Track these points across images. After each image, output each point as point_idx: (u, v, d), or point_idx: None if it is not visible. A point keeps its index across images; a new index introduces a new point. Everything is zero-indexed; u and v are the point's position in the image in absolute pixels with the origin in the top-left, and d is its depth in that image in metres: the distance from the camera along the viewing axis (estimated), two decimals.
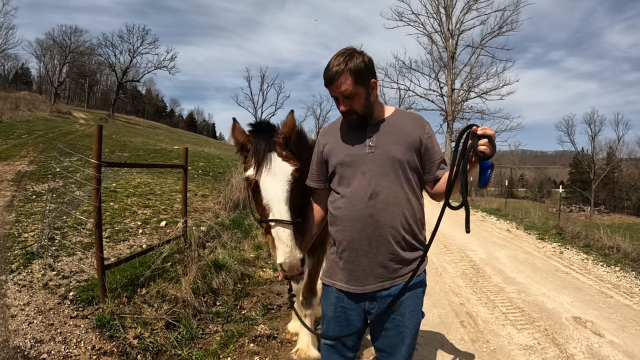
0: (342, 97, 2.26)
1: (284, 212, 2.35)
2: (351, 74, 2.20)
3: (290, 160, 2.52)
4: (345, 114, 2.33)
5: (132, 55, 59.35)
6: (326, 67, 2.27)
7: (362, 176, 2.29)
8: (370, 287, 2.29)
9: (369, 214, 2.24)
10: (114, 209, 8.87)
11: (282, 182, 2.43)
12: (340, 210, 2.36)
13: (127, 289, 5.02)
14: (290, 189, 2.43)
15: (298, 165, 2.52)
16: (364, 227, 2.26)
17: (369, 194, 2.25)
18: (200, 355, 4.16)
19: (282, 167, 2.47)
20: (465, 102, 34.24)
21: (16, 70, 79.58)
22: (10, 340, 4.03)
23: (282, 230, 2.32)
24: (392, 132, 2.34)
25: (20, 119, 29.43)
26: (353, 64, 2.20)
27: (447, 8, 33.82)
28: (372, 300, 2.33)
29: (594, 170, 55.04)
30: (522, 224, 15.04)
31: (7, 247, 6.27)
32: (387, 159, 2.28)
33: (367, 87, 2.28)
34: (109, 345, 4.15)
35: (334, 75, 2.22)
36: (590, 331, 5.32)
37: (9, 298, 4.80)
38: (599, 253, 10.20)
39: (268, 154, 2.48)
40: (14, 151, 15.08)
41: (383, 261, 2.26)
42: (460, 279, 7.49)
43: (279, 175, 2.45)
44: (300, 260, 2.35)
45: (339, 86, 2.23)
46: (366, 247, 2.26)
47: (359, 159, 2.32)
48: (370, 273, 2.28)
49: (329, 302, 2.46)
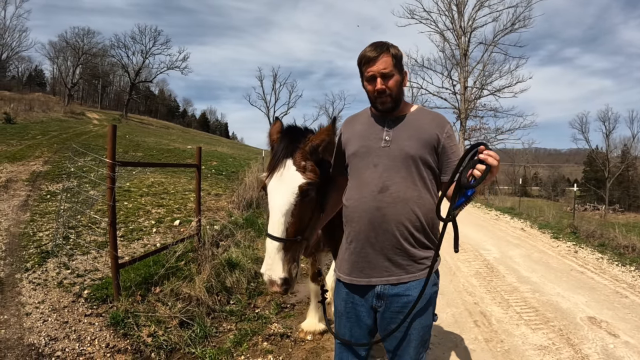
0: (380, 75, 2.28)
1: (277, 225, 2.29)
2: (392, 56, 2.29)
3: (307, 172, 2.38)
4: (380, 94, 2.31)
5: (144, 56, 59.81)
6: (364, 50, 2.33)
7: (374, 169, 2.29)
8: (376, 279, 2.28)
9: (376, 207, 2.24)
10: (128, 208, 8.93)
11: (286, 193, 2.33)
12: (349, 201, 2.37)
13: (141, 288, 5.05)
14: (295, 202, 2.32)
15: (312, 180, 2.38)
16: (371, 219, 2.25)
17: (379, 188, 2.25)
18: (214, 354, 4.17)
19: (292, 177, 2.35)
20: (478, 99, 34.03)
21: (30, 72, 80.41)
22: (25, 337, 4.08)
23: (270, 242, 2.29)
24: (409, 129, 2.34)
25: (34, 120, 29.76)
26: (393, 50, 2.30)
27: (459, 5, 33.61)
28: (380, 298, 2.30)
29: (608, 168, 54.43)
30: (536, 223, 14.91)
31: (22, 245, 6.33)
32: (401, 154, 2.27)
33: (401, 74, 2.35)
34: (123, 343, 4.18)
35: (378, 54, 2.27)
36: (605, 331, 5.26)
37: (23, 296, 4.85)
38: (614, 252, 10.08)
39: (284, 159, 2.39)
40: (28, 152, 15.24)
41: (389, 254, 2.25)
42: (474, 278, 7.45)
43: (287, 184, 2.35)
44: (281, 280, 2.27)
45: (380, 64, 2.27)
46: (372, 239, 2.25)
47: (373, 151, 2.33)
48: (376, 265, 2.27)
49: (340, 296, 2.45)
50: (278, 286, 2.28)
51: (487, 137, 32.97)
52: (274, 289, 2.30)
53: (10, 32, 52.54)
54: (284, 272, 2.27)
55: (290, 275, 2.32)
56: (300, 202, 2.34)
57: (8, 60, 56.54)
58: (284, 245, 2.29)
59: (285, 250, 2.30)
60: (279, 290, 2.29)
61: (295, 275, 2.37)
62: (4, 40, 52.26)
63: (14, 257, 5.87)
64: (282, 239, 2.28)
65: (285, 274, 2.28)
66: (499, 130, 32.83)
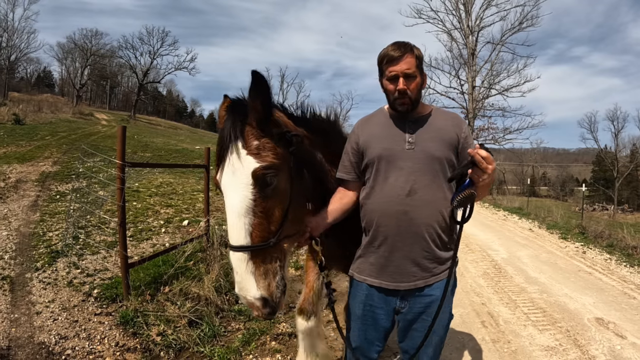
0: (402, 75, 2.23)
1: (236, 231, 1.82)
2: (415, 57, 2.25)
3: (262, 154, 1.87)
4: (401, 94, 2.25)
5: (152, 57, 60.25)
6: (387, 49, 2.28)
7: (400, 172, 2.25)
8: (405, 284, 2.25)
9: (403, 211, 2.21)
10: (137, 209, 9.00)
11: (239, 187, 1.83)
12: (374, 204, 2.31)
13: (150, 287, 5.10)
14: (253, 196, 1.82)
15: (272, 162, 1.87)
16: (399, 223, 2.21)
17: (407, 191, 2.21)
18: (223, 353, 4.20)
19: (243, 164, 1.84)
20: (486, 99, 33.80)
21: (38, 74, 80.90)
22: (35, 336, 4.13)
23: (232, 255, 1.83)
24: (431, 130, 2.32)
25: (43, 121, 29.98)
26: (417, 52, 2.27)
27: (467, 4, 33.43)
28: (404, 299, 2.30)
29: (617, 168, 54.01)
30: (544, 223, 14.84)
31: (32, 245, 6.41)
32: (426, 156, 2.25)
33: (422, 77, 2.31)
34: (133, 341, 4.22)
35: (402, 53, 2.23)
36: (612, 333, 5.24)
37: (34, 295, 4.91)
38: (622, 253, 10.02)
39: (231, 143, 1.87)
40: (37, 152, 15.37)
41: (417, 259, 2.23)
42: (481, 279, 7.44)
43: (238, 176, 1.84)
44: (258, 301, 1.81)
45: (404, 64, 2.22)
46: (399, 243, 2.22)
47: (398, 154, 2.28)
48: (404, 270, 2.24)
49: (358, 299, 2.40)
50: (258, 308, 1.84)
51: (495, 136, 32.80)
52: (255, 312, 1.87)
53: (18, 34, 52.89)
54: (260, 290, 1.81)
55: (270, 292, 1.84)
56: (261, 195, 1.84)
57: (17, 61, 56.89)
58: (252, 255, 1.81)
59: (256, 262, 1.82)
60: (261, 314, 1.85)
61: (281, 292, 1.90)
62: (13, 41, 52.59)
63: (24, 257, 5.94)
64: (245, 247, 1.81)
65: (262, 291, 1.81)
66: (507, 130, 32.62)
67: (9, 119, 25.42)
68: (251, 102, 1.89)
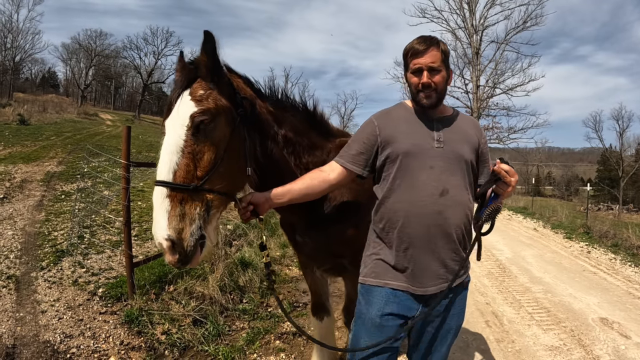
0: (427, 68, 2.17)
1: (163, 167, 1.86)
2: (441, 51, 2.19)
3: (202, 101, 1.96)
4: (425, 89, 2.19)
5: (156, 57, 60.40)
6: (412, 42, 2.23)
7: (431, 171, 2.16)
8: (432, 288, 2.16)
9: (438, 211, 2.12)
10: (142, 208, 9.03)
11: (176, 127, 1.91)
12: (403, 204, 2.17)
13: (155, 286, 5.12)
14: (186, 137, 1.89)
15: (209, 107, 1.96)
16: (431, 224, 2.12)
17: (440, 190, 2.13)
18: (227, 352, 4.21)
19: (183, 108, 1.94)
20: (491, 98, 33.68)
21: (43, 74, 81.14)
22: (40, 334, 4.15)
23: (154, 191, 1.84)
24: (458, 131, 2.28)
25: (48, 121, 30.08)
26: (443, 46, 2.22)
27: (471, 3, 33.32)
28: (426, 304, 2.19)
29: (622, 167, 53.70)
30: (549, 223, 14.83)
31: (37, 245, 6.44)
32: (456, 156, 2.20)
33: (448, 72, 2.27)
34: (137, 340, 4.24)
35: (427, 47, 2.18)
36: (617, 333, 5.23)
37: (39, 294, 4.93)
38: (627, 253, 9.99)
39: (180, 91, 2.00)
40: (43, 152, 15.43)
41: (445, 260, 2.15)
42: (486, 278, 7.43)
43: (177, 117, 1.94)
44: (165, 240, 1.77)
45: (429, 57, 2.17)
46: (432, 245, 2.13)
47: (427, 152, 2.19)
48: (432, 273, 2.15)
49: (375, 306, 2.22)
50: (167, 253, 1.80)
51: (499, 136, 32.72)
52: (167, 257, 1.83)
53: (23, 35, 53.09)
54: (170, 230, 1.77)
55: (181, 237, 1.80)
56: (194, 137, 1.90)
57: (22, 62, 57.14)
58: (170, 193, 1.82)
59: (174, 201, 1.81)
60: (170, 260, 1.81)
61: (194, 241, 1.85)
62: (18, 42, 52.79)
63: (29, 256, 5.97)
64: (165, 182, 1.83)
65: (172, 232, 1.78)
66: (511, 129, 32.50)
67: (14, 120, 25.51)
68: (199, 57, 2.01)
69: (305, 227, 2.68)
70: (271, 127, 2.37)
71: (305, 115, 2.65)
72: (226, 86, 2.08)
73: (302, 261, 3.21)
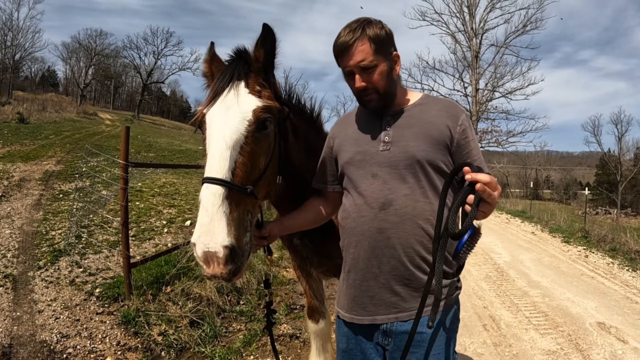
0: (358, 69, 1.80)
1: (221, 163, 1.58)
2: (370, 41, 1.78)
3: (263, 97, 1.75)
4: (363, 93, 1.84)
5: (156, 57, 60.42)
6: (337, 37, 1.85)
7: (373, 180, 1.82)
8: (382, 317, 1.81)
9: (378, 229, 1.77)
10: (140, 208, 9.02)
11: (236, 119, 1.65)
12: (345, 221, 1.91)
13: (152, 287, 5.11)
14: (247, 132, 1.64)
15: (272, 105, 1.75)
16: (373, 244, 1.79)
17: (380, 203, 1.78)
18: (224, 353, 4.21)
19: (243, 100, 1.70)
20: (490, 102, 33.72)
21: (43, 73, 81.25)
22: (37, 334, 4.14)
23: (207, 190, 1.54)
24: (415, 124, 1.85)
25: (47, 120, 30.04)
26: (372, 32, 1.79)
27: (471, 7, 33.36)
28: (386, 335, 1.82)
29: (620, 171, 53.72)
30: (547, 227, 14.82)
31: (35, 244, 6.42)
32: (405, 158, 1.79)
33: (389, 60, 1.85)
34: (134, 341, 4.23)
35: (349, 42, 1.78)
36: (614, 337, 5.22)
37: (36, 294, 4.92)
38: (625, 257, 9.99)
39: (232, 82, 1.74)
40: (41, 151, 15.41)
41: (396, 287, 1.78)
42: (483, 282, 7.43)
43: (234, 110, 1.67)
44: (225, 250, 1.46)
45: (355, 55, 1.78)
46: (375, 269, 1.79)
47: (370, 157, 1.85)
48: (380, 300, 1.80)
49: (341, 331, 1.98)
50: (220, 263, 1.48)
51: (498, 139, 32.75)
52: (212, 269, 1.50)
53: (23, 33, 53.05)
54: (230, 237, 1.48)
55: (240, 243, 1.53)
56: (255, 135, 1.68)
57: (21, 60, 57.06)
58: (229, 194, 1.54)
59: (232, 204, 1.54)
60: (222, 272, 1.49)
61: (249, 249, 1.63)
62: (18, 41, 52.75)
63: (27, 255, 5.95)
64: (225, 181, 1.54)
65: (232, 239, 1.48)
66: (510, 133, 32.55)
67: (13, 118, 25.46)
68: (256, 51, 1.82)
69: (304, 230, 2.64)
70: (291, 135, 2.14)
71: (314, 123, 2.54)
72: (274, 87, 1.89)
73: (299, 264, 3.15)
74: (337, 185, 2.08)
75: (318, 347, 3.42)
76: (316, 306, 3.29)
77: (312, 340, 3.44)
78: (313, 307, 3.31)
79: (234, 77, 1.75)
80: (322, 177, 2.13)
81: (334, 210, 2.13)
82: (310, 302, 3.32)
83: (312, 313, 3.35)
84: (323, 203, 2.13)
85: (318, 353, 3.48)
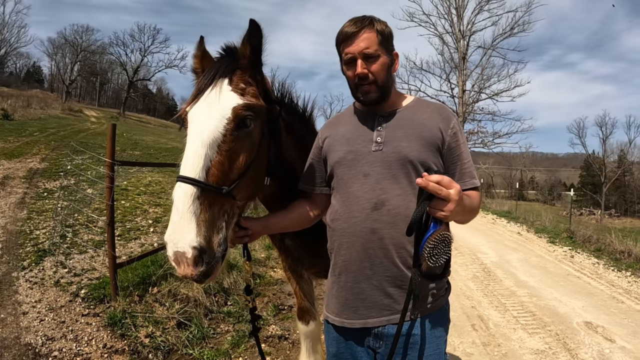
0: (362, 56, 1.81)
1: (194, 161, 1.55)
2: (377, 33, 1.82)
3: (245, 95, 1.72)
4: (362, 80, 1.83)
5: (143, 54, 60.06)
6: (343, 26, 1.87)
7: (365, 180, 1.82)
8: (373, 320, 1.80)
9: (371, 229, 1.77)
10: (125, 207, 8.92)
11: (214, 116, 1.63)
12: (336, 222, 1.89)
13: (138, 288, 5.04)
14: (225, 131, 1.61)
15: (254, 104, 1.72)
16: (365, 245, 1.78)
17: (373, 203, 1.78)
18: (212, 355, 4.16)
19: (223, 98, 1.68)
20: (476, 103, 33.99)
21: (28, 69, 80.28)
22: (21, 337, 4.06)
23: (179, 189, 1.51)
24: (407, 125, 1.86)
25: (32, 117, 29.65)
26: (379, 26, 1.84)
27: (459, 9, 33.57)
28: (378, 338, 1.82)
29: (604, 173, 54.50)
30: (533, 227, 14.94)
31: (18, 244, 6.31)
32: (398, 158, 1.80)
33: (390, 55, 1.89)
34: (121, 343, 4.17)
35: (358, 29, 1.81)
36: (601, 336, 5.27)
37: (20, 295, 4.83)
38: (610, 257, 10.11)
39: (216, 79, 1.72)
40: (26, 149, 15.19)
41: (388, 289, 1.78)
42: (471, 282, 7.45)
43: (215, 108, 1.66)
44: (194, 251, 1.44)
45: (361, 42, 1.80)
46: (367, 270, 1.79)
47: (362, 157, 1.85)
48: (373, 303, 1.79)
49: (330, 335, 1.97)
50: (189, 264, 1.46)
51: (484, 140, 33.00)
52: (182, 269, 1.48)
53: (9, 28, 52.41)
54: (199, 238, 1.46)
55: (210, 244, 1.50)
56: (234, 134, 1.65)
57: (6, 56, 56.44)
58: (201, 194, 1.52)
59: (204, 204, 1.51)
60: (192, 274, 1.48)
61: (221, 254, 1.57)
62: (3, 36, 52.18)
63: (10, 255, 5.85)
64: (197, 181, 1.51)
65: (202, 240, 1.46)
66: (496, 134, 32.82)
67: None
68: (242, 47, 1.81)
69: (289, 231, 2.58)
70: (283, 134, 2.12)
71: (307, 121, 2.54)
72: (262, 84, 1.86)
73: (290, 265, 3.13)
74: (326, 188, 2.06)
75: (308, 348, 3.38)
76: (307, 307, 3.25)
77: (302, 342, 3.40)
78: (303, 308, 3.27)
79: (218, 74, 1.74)
80: (310, 178, 2.10)
81: (321, 213, 2.10)
82: (301, 303, 3.28)
83: (303, 314, 3.31)
84: (310, 205, 2.09)
85: (308, 354, 3.43)
